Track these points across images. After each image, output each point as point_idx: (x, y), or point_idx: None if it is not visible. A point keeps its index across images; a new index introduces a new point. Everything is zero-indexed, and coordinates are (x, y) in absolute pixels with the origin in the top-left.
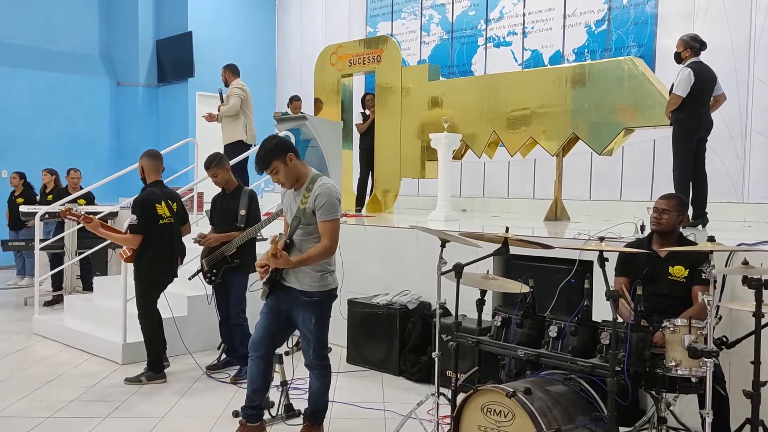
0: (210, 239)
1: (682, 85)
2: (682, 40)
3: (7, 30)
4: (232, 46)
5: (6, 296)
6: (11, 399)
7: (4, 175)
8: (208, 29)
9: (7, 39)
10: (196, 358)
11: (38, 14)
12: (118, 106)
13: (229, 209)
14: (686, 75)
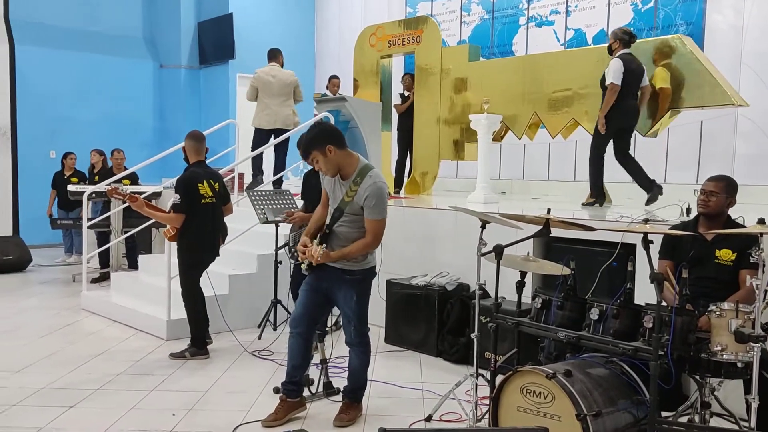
0: (296, 217)
1: (616, 74)
2: (613, 33)
3: (53, 13)
4: (272, 28)
5: (55, 273)
6: (62, 371)
7: (53, 156)
8: (248, 11)
9: (53, 22)
10: (237, 335)
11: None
12: (161, 88)
13: (318, 187)
14: (617, 65)
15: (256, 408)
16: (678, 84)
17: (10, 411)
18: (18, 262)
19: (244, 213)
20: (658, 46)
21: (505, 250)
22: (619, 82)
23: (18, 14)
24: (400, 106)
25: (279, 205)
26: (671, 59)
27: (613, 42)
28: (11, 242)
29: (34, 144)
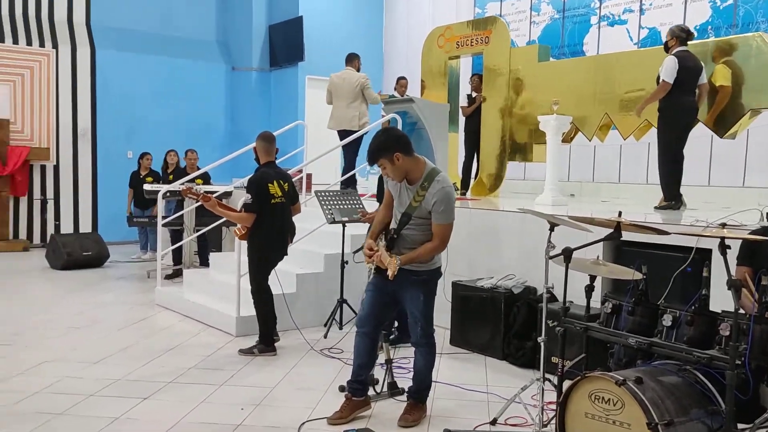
0: (370, 217)
1: (668, 72)
2: (670, 30)
3: (132, 19)
4: (341, 30)
5: (131, 269)
6: (137, 364)
7: (130, 156)
8: (318, 13)
9: (131, 27)
10: (303, 333)
11: (160, 3)
12: (232, 90)
13: None
14: (671, 62)
15: (322, 405)
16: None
17: (88, 400)
18: (96, 258)
19: (312, 213)
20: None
21: (573, 254)
22: (671, 80)
23: (99, 20)
24: (467, 108)
25: (346, 205)
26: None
27: (669, 39)
28: (90, 238)
29: (112, 145)
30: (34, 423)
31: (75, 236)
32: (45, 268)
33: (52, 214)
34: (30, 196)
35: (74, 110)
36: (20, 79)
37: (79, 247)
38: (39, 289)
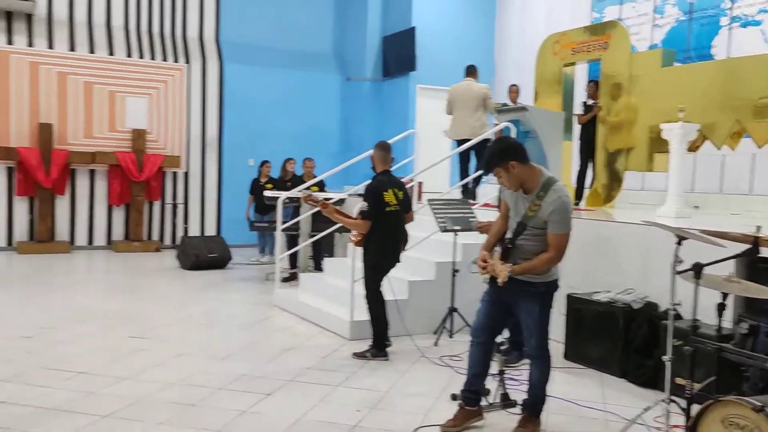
0: (486, 227)
1: None
2: None
3: (256, 34)
4: (452, 40)
5: (251, 271)
6: (259, 361)
7: (251, 164)
8: (430, 24)
9: (255, 42)
10: (414, 340)
11: (282, 19)
12: (346, 100)
13: None
14: None
15: (434, 412)
16: None
17: (217, 393)
18: (220, 260)
19: (424, 221)
20: None
21: (704, 269)
22: None
23: (227, 36)
24: (583, 115)
25: (459, 214)
26: None
27: None
28: (215, 241)
29: (235, 153)
30: (170, 412)
31: (202, 239)
32: (175, 268)
33: (181, 218)
34: (162, 201)
35: (203, 121)
36: (156, 92)
37: (206, 249)
38: (171, 287)
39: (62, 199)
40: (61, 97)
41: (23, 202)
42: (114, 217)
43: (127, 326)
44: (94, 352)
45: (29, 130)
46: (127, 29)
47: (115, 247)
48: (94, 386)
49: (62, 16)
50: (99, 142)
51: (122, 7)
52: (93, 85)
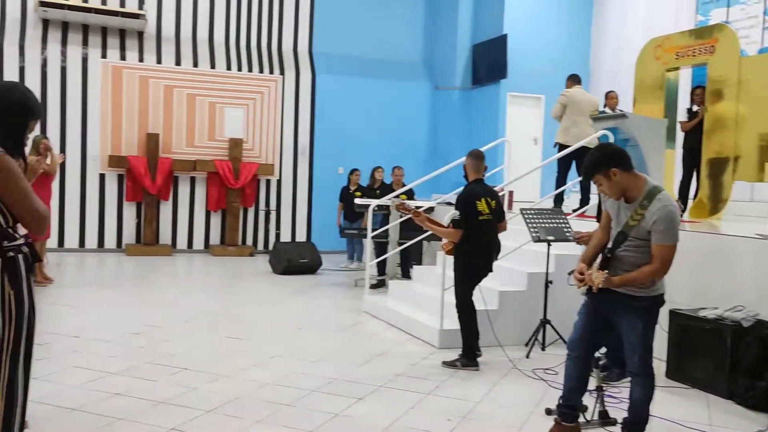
0: (585, 238)
1: None
2: None
3: (347, 45)
4: (545, 46)
5: (340, 277)
6: (351, 366)
7: (340, 172)
8: (522, 31)
9: (346, 52)
10: (506, 351)
11: (372, 29)
12: (435, 109)
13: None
14: None
15: (529, 426)
16: None
17: (311, 395)
18: (311, 265)
19: (516, 231)
20: None
21: None
22: None
23: (319, 48)
24: (687, 123)
25: (553, 224)
26: None
27: None
28: (307, 247)
29: (326, 161)
30: (267, 410)
31: (293, 244)
32: (268, 272)
33: (273, 224)
34: (256, 207)
35: (296, 130)
36: (252, 103)
37: (297, 254)
38: (265, 291)
39: (166, 205)
40: (167, 108)
41: (131, 207)
42: (211, 222)
43: (225, 327)
44: (196, 350)
45: (138, 140)
46: (228, 44)
47: (212, 251)
48: (197, 382)
49: (170, 33)
50: (199, 150)
51: (223, 23)
52: (196, 97)
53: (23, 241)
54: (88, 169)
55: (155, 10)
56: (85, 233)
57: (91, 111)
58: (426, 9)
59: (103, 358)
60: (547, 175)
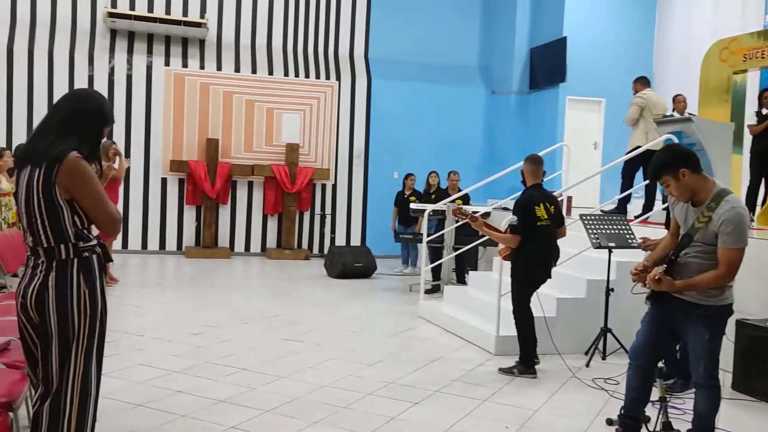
0: (652, 244)
1: None
2: None
3: (403, 50)
4: (606, 49)
5: (394, 282)
6: (406, 370)
7: (395, 176)
8: (582, 33)
9: (402, 58)
10: (564, 359)
11: (428, 34)
12: (491, 113)
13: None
14: None
15: None
16: None
17: (367, 398)
18: (365, 269)
19: (575, 237)
20: None
21: None
22: None
23: (375, 53)
24: (756, 126)
25: (614, 230)
26: None
27: None
28: (362, 251)
29: (381, 166)
30: (324, 412)
31: (348, 248)
32: (323, 276)
33: (328, 228)
34: (312, 212)
35: (351, 135)
36: (309, 108)
37: (352, 258)
38: (320, 294)
39: (224, 209)
40: (226, 114)
41: (191, 210)
42: (268, 225)
43: (282, 329)
44: (253, 351)
45: (198, 145)
46: (285, 50)
47: (269, 254)
48: (255, 382)
49: (230, 41)
50: (257, 155)
51: (281, 30)
52: (254, 102)
53: (96, 242)
54: (151, 173)
55: (216, 18)
56: (148, 235)
57: (155, 117)
58: (482, 13)
59: (166, 357)
60: (608, 180)
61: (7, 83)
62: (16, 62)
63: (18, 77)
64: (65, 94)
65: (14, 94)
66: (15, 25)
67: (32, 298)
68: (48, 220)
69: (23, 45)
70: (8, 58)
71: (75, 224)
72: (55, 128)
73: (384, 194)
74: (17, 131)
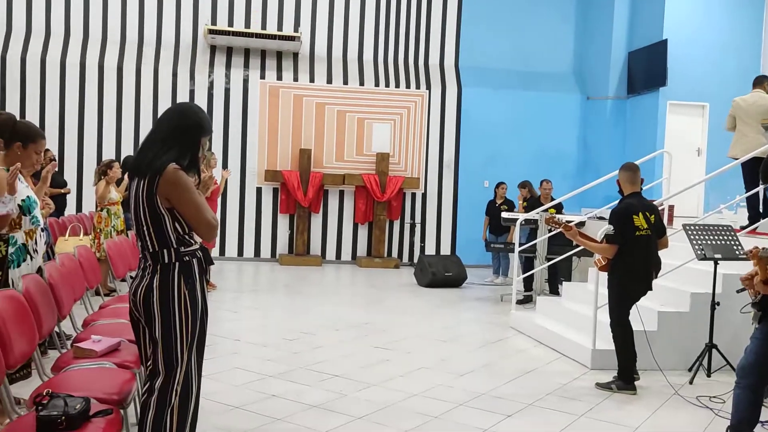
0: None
1: None
2: None
3: (494, 58)
4: (709, 50)
5: (484, 291)
6: (498, 382)
7: (486, 185)
8: (684, 35)
9: (493, 65)
10: (666, 375)
11: (520, 41)
12: (586, 120)
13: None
14: None
15: None
16: None
17: (458, 409)
18: (456, 279)
19: (678, 248)
20: None
21: None
22: None
23: (466, 61)
24: None
25: (720, 241)
26: None
27: None
28: (452, 260)
29: (471, 174)
30: (415, 421)
31: (439, 257)
32: (413, 285)
33: (418, 237)
34: (402, 220)
35: (441, 144)
36: (399, 118)
37: (443, 267)
38: (410, 303)
39: (316, 217)
40: (319, 125)
41: (285, 218)
42: (359, 234)
43: (373, 336)
44: (345, 358)
45: (291, 155)
46: (376, 61)
47: (359, 262)
48: (347, 389)
49: (322, 53)
50: (348, 165)
51: (372, 42)
52: (345, 113)
53: (198, 246)
54: (247, 182)
55: (309, 32)
56: (244, 243)
57: (250, 128)
58: (577, 17)
59: (261, 361)
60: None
61: (117, 99)
62: (125, 79)
63: (126, 93)
64: (167, 109)
65: (123, 108)
66: (124, 45)
67: (140, 298)
68: (152, 227)
69: (132, 63)
70: (118, 75)
71: (176, 230)
72: (158, 142)
73: (474, 203)
74: (125, 144)
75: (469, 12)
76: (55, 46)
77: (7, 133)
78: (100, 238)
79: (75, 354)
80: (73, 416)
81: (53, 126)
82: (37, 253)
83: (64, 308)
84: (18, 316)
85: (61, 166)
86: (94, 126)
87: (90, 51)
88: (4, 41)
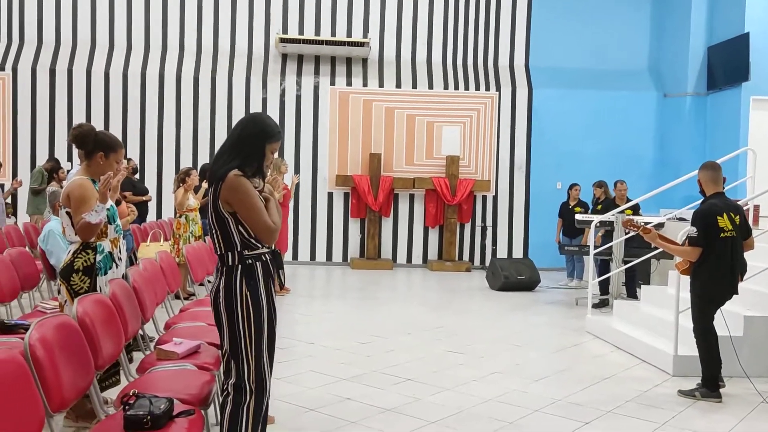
0: None
1: None
2: None
3: (566, 57)
4: None
5: (558, 295)
6: (574, 388)
7: (559, 187)
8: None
9: (565, 65)
10: (754, 383)
11: (593, 39)
12: (663, 118)
13: None
14: None
15: None
16: None
17: (533, 415)
18: (528, 282)
19: (764, 249)
20: None
21: None
22: None
23: (536, 62)
24: None
25: None
26: None
27: None
28: (524, 264)
29: (543, 176)
30: (490, 426)
31: (511, 261)
32: (484, 288)
33: (489, 240)
34: (473, 223)
35: (512, 146)
36: (468, 120)
37: (515, 270)
38: (483, 307)
39: (387, 221)
40: (388, 129)
41: (356, 223)
42: (429, 237)
43: (445, 340)
44: (418, 362)
45: (362, 160)
46: (445, 64)
47: (430, 265)
48: (420, 393)
49: (391, 58)
50: (418, 168)
51: (440, 44)
52: (415, 117)
53: (264, 250)
54: (318, 187)
55: (378, 37)
56: (316, 247)
57: (321, 134)
58: (653, 13)
59: (335, 364)
60: None
61: (193, 108)
62: (201, 88)
63: (202, 102)
64: (240, 118)
65: (199, 117)
66: (200, 55)
67: (211, 299)
68: (219, 230)
69: (207, 73)
70: (194, 85)
71: (241, 234)
72: (227, 151)
73: (547, 205)
74: (201, 151)
75: (539, 10)
76: (136, 59)
77: (89, 144)
78: (179, 244)
79: (158, 356)
80: (158, 416)
81: (134, 136)
82: (121, 261)
83: (148, 311)
84: (106, 320)
85: (142, 174)
86: (173, 135)
87: (168, 62)
88: (89, 56)
